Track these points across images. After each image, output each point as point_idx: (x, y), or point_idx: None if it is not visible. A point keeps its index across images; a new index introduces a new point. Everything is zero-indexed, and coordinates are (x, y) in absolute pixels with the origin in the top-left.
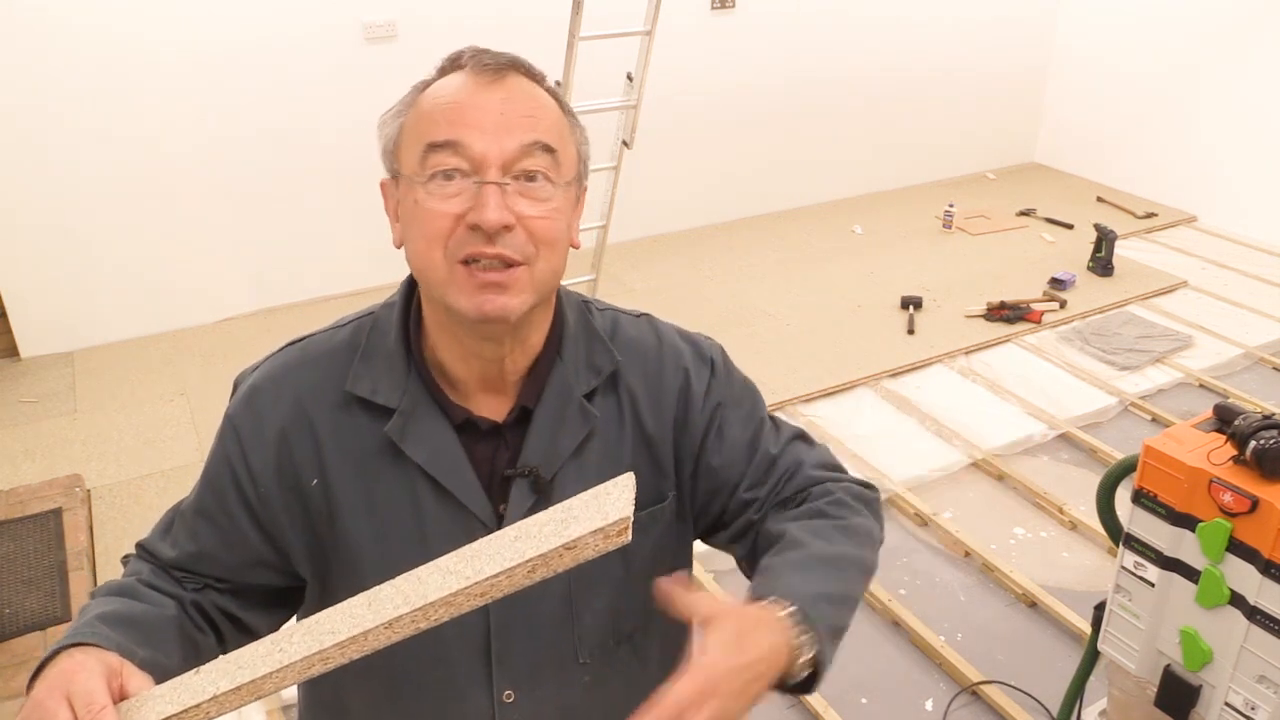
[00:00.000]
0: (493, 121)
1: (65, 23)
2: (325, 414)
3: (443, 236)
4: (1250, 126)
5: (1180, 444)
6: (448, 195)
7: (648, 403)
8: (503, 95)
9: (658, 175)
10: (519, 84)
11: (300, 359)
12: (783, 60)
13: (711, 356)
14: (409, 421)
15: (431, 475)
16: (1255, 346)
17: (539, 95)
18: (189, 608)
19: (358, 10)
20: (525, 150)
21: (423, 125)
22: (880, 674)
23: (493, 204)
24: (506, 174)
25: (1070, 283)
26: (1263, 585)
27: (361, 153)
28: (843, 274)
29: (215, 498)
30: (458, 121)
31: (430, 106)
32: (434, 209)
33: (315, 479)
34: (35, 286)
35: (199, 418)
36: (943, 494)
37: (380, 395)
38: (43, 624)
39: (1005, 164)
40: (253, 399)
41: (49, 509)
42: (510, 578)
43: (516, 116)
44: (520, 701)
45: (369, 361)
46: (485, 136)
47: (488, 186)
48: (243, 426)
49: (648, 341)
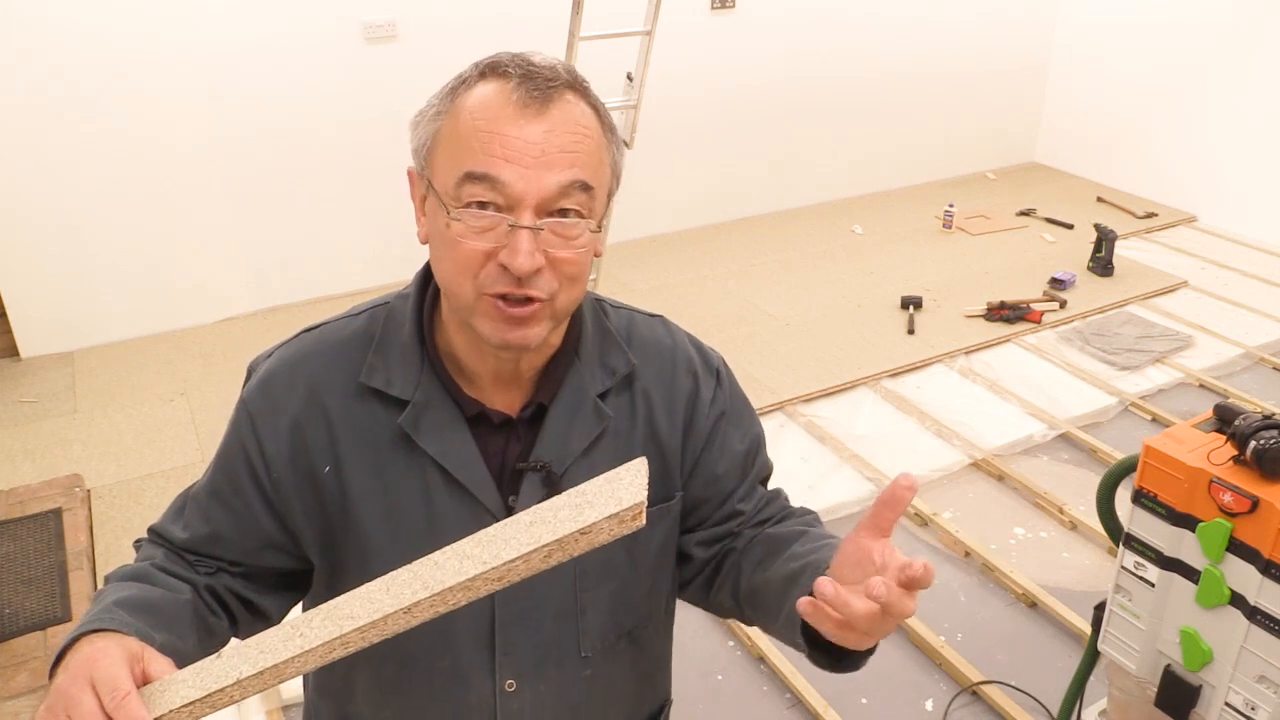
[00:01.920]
0: (533, 157)
1: (65, 23)
2: (340, 403)
3: (473, 270)
4: (1250, 126)
5: (1180, 444)
6: (481, 230)
7: (661, 405)
8: (546, 127)
9: (658, 175)
10: (564, 110)
11: (316, 346)
12: (783, 60)
13: (717, 368)
14: (422, 413)
15: (443, 466)
16: (1255, 346)
17: (583, 120)
18: (203, 592)
19: (358, 10)
20: (563, 191)
21: (460, 147)
22: (880, 674)
23: (524, 250)
24: (541, 214)
25: (1070, 283)
26: (1263, 585)
27: (362, 152)
28: (843, 274)
29: (229, 480)
30: (496, 153)
31: (469, 127)
32: (466, 244)
33: (328, 467)
34: (35, 286)
35: (199, 418)
36: (943, 494)
37: (394, 387)
38: (43, 624)
39: (1005, 164)
40: (268, 385)
41: (49, 509)
42: (527, 563)
43: (557, 152)
44: (521, 691)
45: (383, 353)
46: (525, 175)
47: (521, 231)
48: (257, 412)
49: (664, 344)
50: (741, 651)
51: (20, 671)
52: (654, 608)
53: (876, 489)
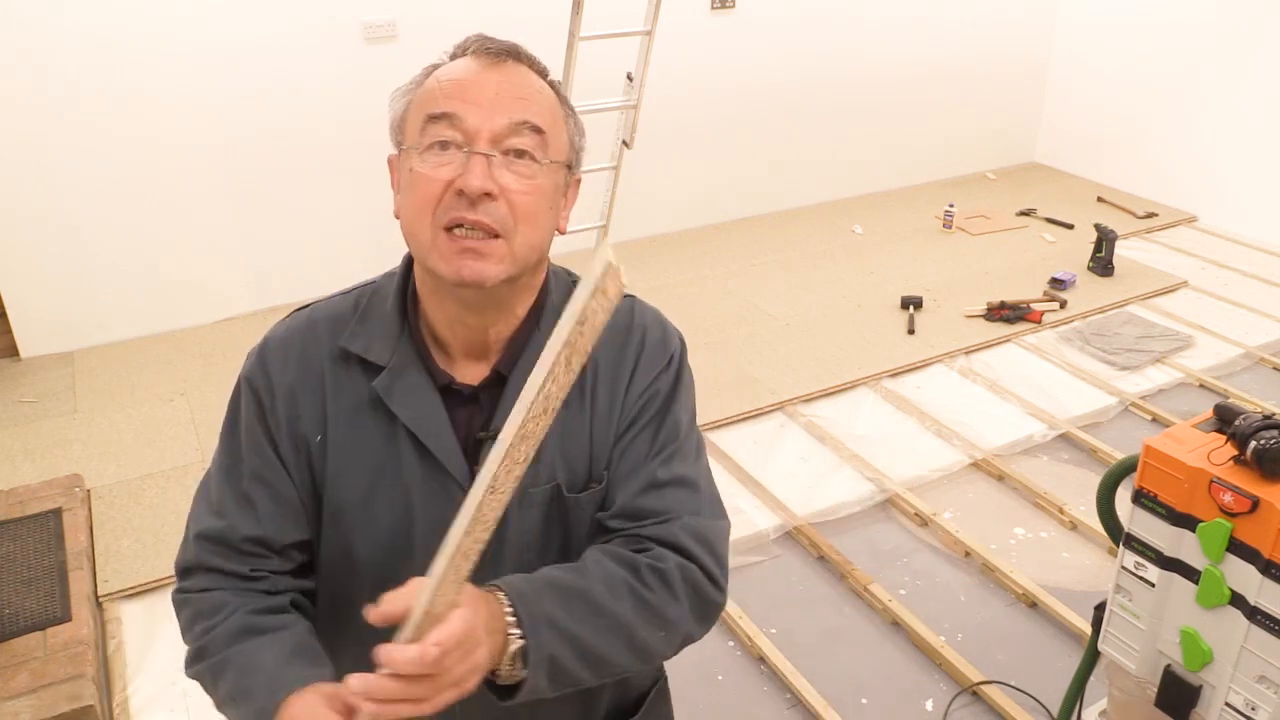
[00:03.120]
0: (488, 99)
1: (65, 24)
2: (328, 369)
3: (432, 202)
4: (1250, 126)
5: (1180, 444)
6: (441, 163)
7: (606, 380)
8: (500, 77)
9: (658, 175)
10: (517, 69)
11: (306, 322)
12: (783, 60)
13: (672, 351)
14: (396, 380)
15: (415, 435)
16: (1255, 346)
17: (535, 81)
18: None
19: (358, 10)
20: (514, 128)
21: (425, 100)
22: (880, 674)
23: (478, 171)
24: (496, 147)
25: (1070, 283)
26: (1263, 585)
27: (361, 152)
28: (843, 274)
29: (259, 457)
30: (456, 96)
31: (434, 84)
32: (427, 175)
33: (320, 435)
34: (35, 286)
35: (199, 418)
36: (943, 494)
37: (372, 353)
38: (42, 624)
39: (1005, 164)
40: (264, 359)
41: (49, 509)
42: (555, 381)
43: (510, 98)
44: None
45: (365, 323)
46: (479, 111)
47: (475, 156)
48: (260, 387)
49: (620, 322)
50: (741, 652)
51: (20, 671)
52: None
53: (877, 489)
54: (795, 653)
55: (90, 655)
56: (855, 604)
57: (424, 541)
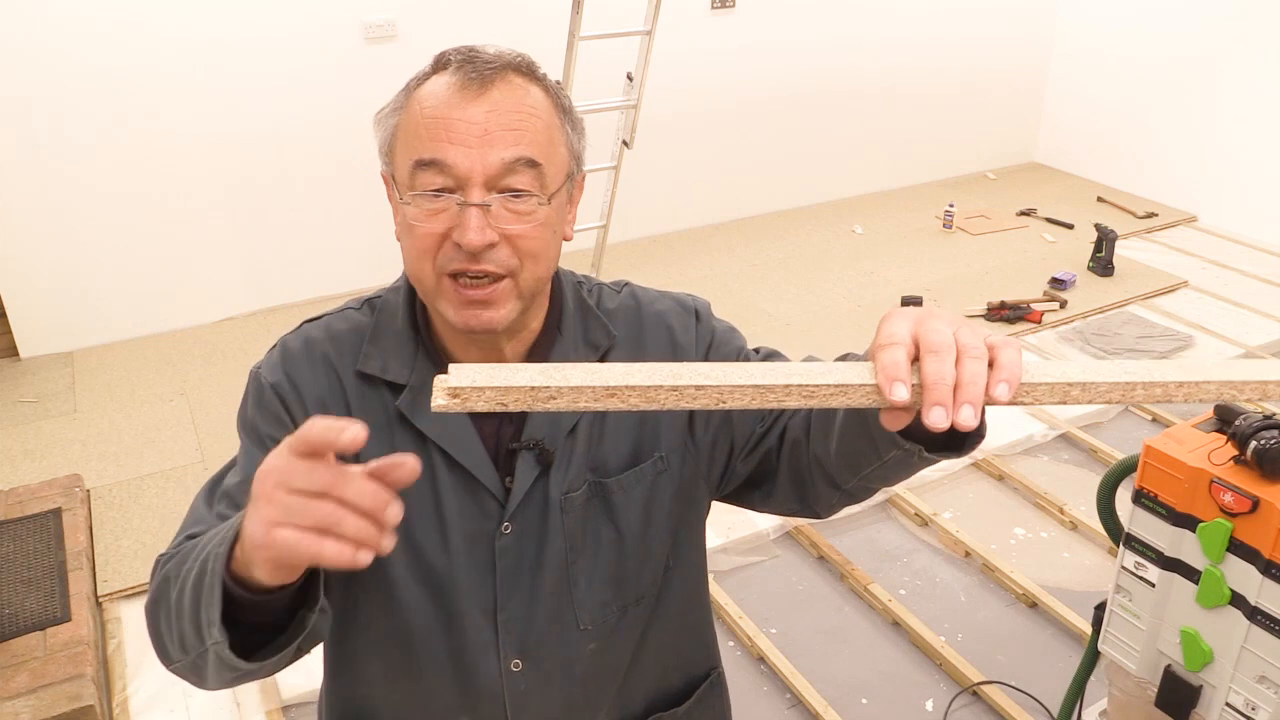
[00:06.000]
0: (476, 137)
1: (65, 24)
2: (353, 385)
3: (431, 251)
4: (1250, 126)
5: (1181, 444)
6: (434, 213)
7: None
8: (487, 107)
9: (658, 175)
10: (506, 90)
11: (325, 334)
12: (783, 60)
13: (696, 307)
14: (418, 396)
15: (443, 448)
16: (1255, 346)
17: (527, 99)
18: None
19: (358, 10)
20: (508, 167)
21: (410, 138)
22: (880, 674)
23: (474, 226)
24: (490, 190)
25: (1070, 283)
26: (1263, 585)
27: (361, 153)
28: (843, 274)
29: None
30: (442, 138)
31: (418, 117)
32: (421, 228)
33: (354, 455)
34: (35, 286)
35: (199, 418)
36: (943, 494)
37: (390, 372)
38: (42, 624)
39: (1005, 164)
40: (288, 363)
41: (49, 509)
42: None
43: (500, 130)
44: (528, 670)
45: (378, 342)
46: (470, 154)
47: (470, 208)
48: (285, 392)
49: (628, 309)
50: (741, 652)
51: (20, 671)
52: (656, 575)
53: None
54: (795, 652)
55: (90, 655)
56: (855, 604)
57: (459, 556)
